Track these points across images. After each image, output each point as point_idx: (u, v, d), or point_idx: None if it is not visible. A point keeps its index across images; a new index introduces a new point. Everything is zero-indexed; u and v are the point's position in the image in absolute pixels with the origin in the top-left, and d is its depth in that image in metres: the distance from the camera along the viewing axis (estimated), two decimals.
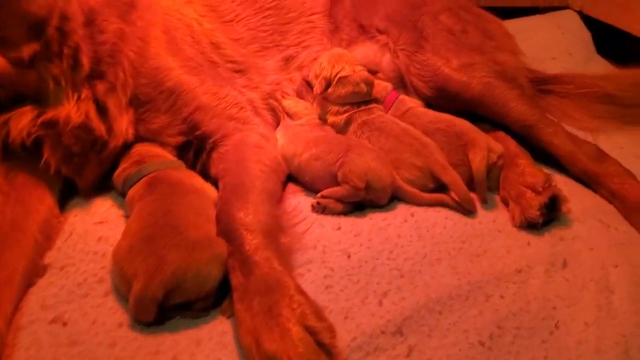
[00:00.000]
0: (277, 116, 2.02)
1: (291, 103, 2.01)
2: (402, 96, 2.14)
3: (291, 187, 1.86)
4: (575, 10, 3.04)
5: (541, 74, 2.41)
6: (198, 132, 1.76)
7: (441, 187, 1.84)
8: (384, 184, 1.75)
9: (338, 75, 1.98)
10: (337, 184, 1.76)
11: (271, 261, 1.39)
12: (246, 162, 1.69)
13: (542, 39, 2.92)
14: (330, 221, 1.71)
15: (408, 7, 2.28)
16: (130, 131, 1.68)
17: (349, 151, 1.78)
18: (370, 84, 2.01)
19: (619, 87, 2.31)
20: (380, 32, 2.26)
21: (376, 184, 1.74)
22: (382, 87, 2.09)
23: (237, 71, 1.97)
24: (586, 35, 2.94)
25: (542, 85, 2.38)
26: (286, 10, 2.19)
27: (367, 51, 2.23)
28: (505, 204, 1.85)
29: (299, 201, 1.79)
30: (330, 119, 1.99)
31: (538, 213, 1.72)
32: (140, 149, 1.69)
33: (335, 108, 1.99)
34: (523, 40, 2.79)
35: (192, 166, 1.78)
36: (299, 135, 1.88)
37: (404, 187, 1.80)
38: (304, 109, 2.01)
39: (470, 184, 1.85)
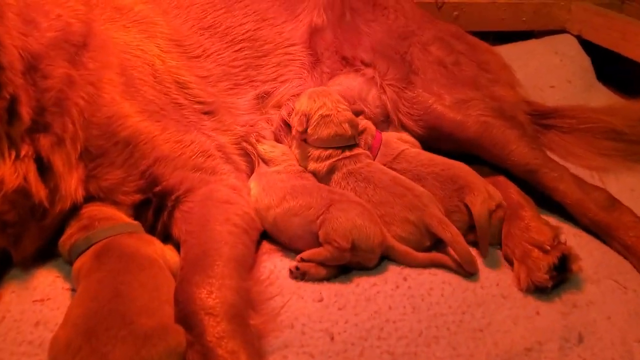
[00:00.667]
0: (251, 162, 1.81)
1: (267, 147, 1.80)
2: (386, 136, 1.93)
3: (266, 245, 1.63)
4: (573, 35, 2.86)
5: (541, 107, 2.22)
6: (158, 188, 1.54)
7: (437, 243, 1.63)
8: (372, 244, 1.54)
9: (319, 113, 1.78)
10: (319, 244, 1.54)
11: (238, 355, 1.16)
12: (212, 223, 1.47)
13: (539, 66, 2.74)
14: (310, 290, 1.48)
15: (395, 38, 2.08)
16: (80, 191, 1.46)
17: (332, 206, 1.56)
18: (354, 126, 1.80)
19: (625, 122, 2.12)
20: (366, 64, 2.05)
21: (363, 244, 1.53)
22: (368, 131, 1.88)
23: (206, 112, 1.75)
24: (585, 61, 2.76)
25: (542, 120, 2.19)
26: (261, 42, 1.97)
27: (351, 84, 2.02)
28: (509, 262, 1.64)
29: (274, 264, 1.57)
30: (311, 165, 1.77)
31: (547, 276, 1.52)
32: (90, 210, 1.46)
33: (316, 152, 1.78)
34: (518, 68, 2.61)
35: (151, 228, 1.56)
36: (274, 185, 1.66)
37: (396, 246, 1.58)
38: (282, 154, 1.79)
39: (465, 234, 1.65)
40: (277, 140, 1.89)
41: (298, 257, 1.54)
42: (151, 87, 1.66)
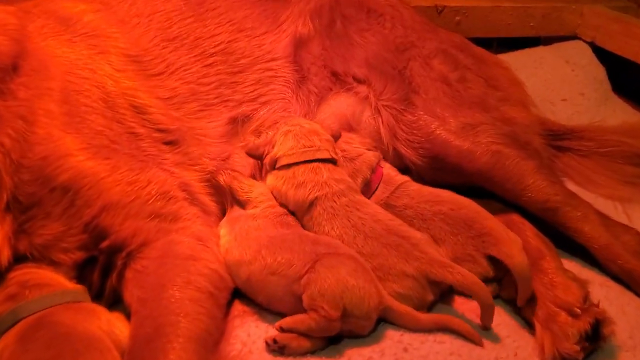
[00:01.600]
0: (223, 202, 1.53)
1: (243, 185, 1.52)
2: (387, 168, 1.66)
3: (238, 307, 1.36)
4: (585, 42, 2.60)
5: (554, 127, 1.96)
6: (105, 243, 1.26)
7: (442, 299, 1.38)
8: (368, 309, 1.27)
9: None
10: (303, 308, 1.27)
11: None
12: (169, 288, 1.20)
13: (549, 77, 2.48)
14: None
15: (392, 50, 1.81)
16: (6, 252, 1.18)
17: (318, 262, 1.29)
18: (326, 140, 1.56)
19: None
20: (359, 81, 1.77)
21: (357, 310, 1.26)
22: (364, 160, 1.61)
23: (168, 143, 1.48)
24: (600, 71, 2.49)
25: (556, 141, 1.94)
26: (237, 55, 1.69)
27: (341, 107, 1.75)
28: (528, 323, 1.38)
29: (248, 333, 1.29)
30: (290, 194, 1.50)
31: (577, 347, 1.26)
32: (19, 274, 1.19)
33: (288, 175, 1.51)
34: (526, 78, 2.36)
35: (98, 292, 1.28)
36: (248, 235, 1.39)
37: (394, 306, 1.32)
38: (260, 194, 1.51)
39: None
40: (255, 175, 1.62)
41: (277, 324, 1.27)
42: (100, 115, 1.38)
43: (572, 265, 1.56)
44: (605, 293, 1.48)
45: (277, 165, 1.53)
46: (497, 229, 1.44)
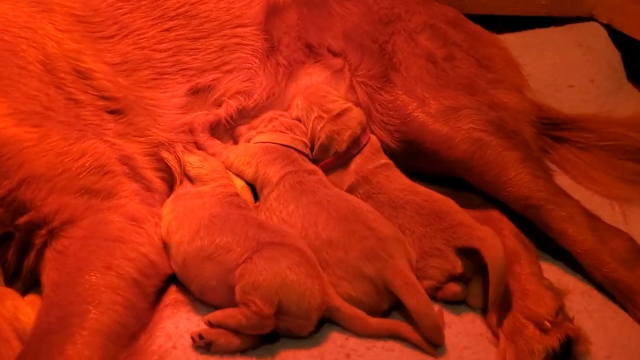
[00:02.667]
0: (172, 179, 1.41)
1: (194, 160, 1.39)
2: (374, 138, 1.53)
3: (172, 294, 1.25)
4: (601, 24, 2.39)
5: (554, 114, 1.79)
6: (23, 219, 1.15)
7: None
8: (307, 309, 1.14)
9: None
10: (236, 301, 1.15)
11: None
12: (86, 273, 1.08)
13: (557, 60, 2.27)
14: None
15: (374, 22, 1.65)
16: None
17: (257, 252, 1.16)
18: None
19: None
20: (334, 54, 1.63)
21: (294, 308, 1.13)
22: (354, 116, 1.48)
23: (112, 112, 1.35)
24: (615, 57, 2.28)
25: (554, 131, 1.77)
26: (200, 19, 1.55)
27: (313, 82, 1.61)
28: (493, 333, 1.24)
29: (176, 325, 1.18)
30: (262, 170, 1.40)
31: None
32: None
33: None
34: (532, 60, 2.22)
35: (15, 272, 1.17)
36: (190, 214, 1.26)
37: (342, 307, 1.18)
38: (212, 170, 1.38)
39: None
40: (214, 151, 1.49)
41: (205, 318, 1.15)
42: (36, 79, 1.27)
43: (554, 271, 1.41)
44: (586, 304, 1.33)
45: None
46: (470, 222, 1.30)
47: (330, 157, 1.47)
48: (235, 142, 1.54)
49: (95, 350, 0.98)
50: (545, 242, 1.43)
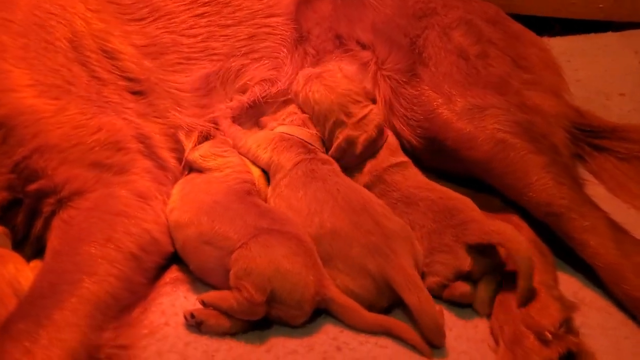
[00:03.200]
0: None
1: (208, 153, 1.39)
2: (392, 137, 1.50)
3: (173, 272, 1.26)
4: None
5: (596, 122, 1.71)
6: (33, 186, 1.19)
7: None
8: (300, 299, 1.13)
9: None
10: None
11: None
12: (86, 243, 1.11)
13: (610, 66, 2.18)
14: (202, 349, 1.10)
15: (408, 16, 1.61)
16: None
17: (254, 238, 1.16)
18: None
19: None
20: (364, 47, 1.60)
21: (286, 297, 1.12)
22: (372, 118, 1.45)
23: (135, 92, 1.38)
24: None
25: (595, 139, 1.69)
26: (233, 7, 1.56)
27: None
28: (495, 340, 1.19)
29: (173, 302, 1.20)
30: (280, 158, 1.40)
31: None
32: None
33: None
34: (582, 66, 2.15)
35: (23, 238, 1.21)
36: (195, 197, 1.28)
37: (338, 299, 1.17)
38: (225, 163, 1.37)
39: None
40: (234, 136, 1.49)
41: (199, 297, 1.16)
42: (62, 55, 1.31)
43: (573, 283, 1.34)
44: (603, 321, 1.26)
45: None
46: (484, 219, 1.26)
47: (345, 159, 1.45)
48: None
49: (82, 317, 1.01)
50: (569, 253, 1.36)
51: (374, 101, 1.51)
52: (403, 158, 1.46)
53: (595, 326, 1.23)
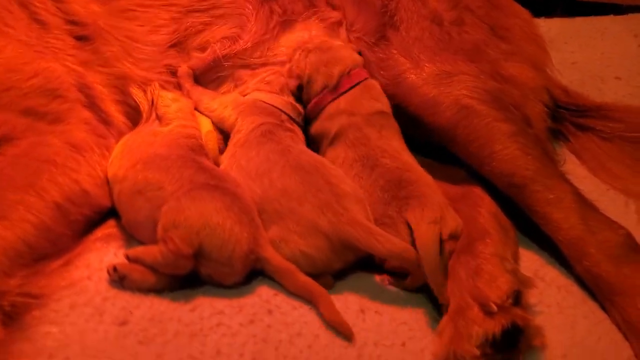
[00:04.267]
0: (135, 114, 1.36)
1: (166, 98, 1.33)
2: (376, 82, 1.40)
3: (107, 228, 1.19)
4: None
5: (582, 101, 1.62)
6: None
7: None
8: (229, 255, 1.06)
9: None
10: None
11: None
12: (3, 189, 1.05)
13: (608, 50, 2.08)
14: (121, 305, 1.03)
15: None
16: None
17: (188, 191, 1.09)
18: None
19: None
20: (333, 7, 1.53)
21: (215, 252, 1.05)
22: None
23: (79, 38, 1.31)
24: None
25: (579, 118, 1.60)
26: None
27: (309, 34, 1.51)
28: (442, 311, 1.11)
29: (101, 259, 1.12)
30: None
31: (477, 352, 0.99)
32: None
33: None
34: (579, 47, 2.08)
35: None
36: (137, 149, 1.21)
37: (272, 259, 1.09)
38: (178, 109, 1.32)
39: None
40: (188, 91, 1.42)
41: (124, 252, 1.09)
42: None
43: (535, 260, 1.26)
44: (561, 299, 1.18)
45: None
46: (430, 197, 1.17)
47: (320, 94, 1.37)
48: (236, 87, 1.47)
49: None
50: (536, 231, 1.28)
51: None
52: (386, 108, 1.36)
53: (553, 304, 1.15)
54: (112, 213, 1.21)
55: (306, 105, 1.39)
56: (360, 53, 1.43)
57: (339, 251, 1.11)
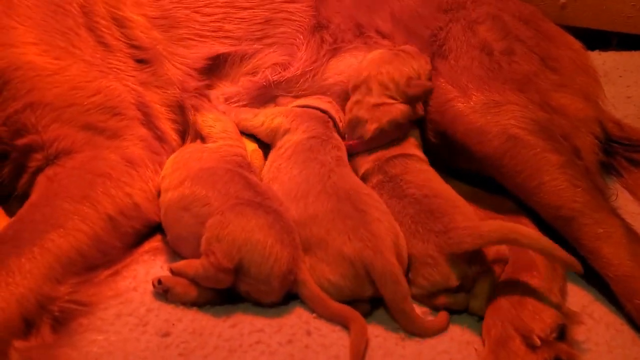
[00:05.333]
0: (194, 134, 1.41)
1: (208, 119, 1.37)
2: (413, 139, 1.41)
3: (153, 242, 1.23)
4: None
5: (636, 136, 1.59)
6: (22, 141, 1.19)
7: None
8: (270, 272, 1.07)
9: None
10: None
11: None
12: (61, 198, 1.10)
13: None
14: (164, 317, 1.06)
15: (433, 8, 1.55)
16: None
17: (233, 207, 1.11)
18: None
19: None
20: (383, 36, 1.55)
21: (255, 268, 1.07)
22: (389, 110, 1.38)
23: (139, 60, 1.38)
24: None
25: (633, 153, 1.56)
26: None
27: (354, 61, 1.54)
28: (482, 342, 1.09)
29: (147, 272, 1.16)
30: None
31: None
32: None
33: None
34: (635, 83, 2.05)
35: (9, 193, 1.22)
36: (185, 164, 1.24)
37: (308, 284, 1.10)
38: (223, 130, 1.36)
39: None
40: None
41: (169, 265, 1.12)
42: (71, 18, 1.33)
43: (584, 296, 1.22)
44: (610, 337, 1.13)
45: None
46: (472, 223, 1.15)
47: (354, 140, 1.39)
48: None
49: (38, 266, 0.99)
50: (585, 265, 1.24)
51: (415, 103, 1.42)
52: (413, 151, 1.37)
53: (602, 343, 1.11)
54: (160, 227, 1.25)
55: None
56: None
57: (364, 277, 1.09)
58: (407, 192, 1.24)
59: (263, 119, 1.41)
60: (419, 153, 1.39)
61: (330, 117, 1.40)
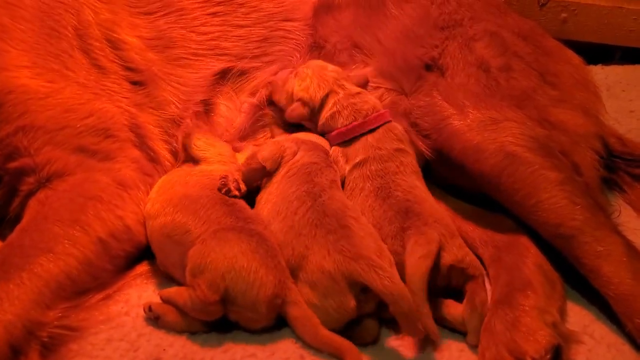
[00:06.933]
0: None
1: (200, 143, 1.36)
2: (397, 124, 1.41)
3: (146, 265, 1.22)
4: None
5: (639, 151, 1.55)
6: (14, 164, 1.19)
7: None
8: (255, 300, 1.05)
9: None
10: None
11: None
12: (52, 223, 1.09)
13: None
14: (155, 343, 1.04)
15: (429, 27, 1.53)
16: None
17: (212, 233, 1.10)
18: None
19: None
20: (378, 56, 1.54)
21: (240, 297, 1.05)
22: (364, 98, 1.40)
23: (134, 82, 1.37)
24: None
25: (636, 168, 1.54)
26: (248, 8, 1.54)
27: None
28: None
29: (139, 296, 1.15)
30: None
31: None
32: None
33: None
34: (638, 97, 1.96)
35: (2, 215, 1.21)
36: (170, 188, 1.23)
37: (297, 308, 1.07)
38: (218, 154, 1.34)
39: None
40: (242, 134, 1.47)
41: (159, 292, 1.11)
42: (65, 41, 1.32)
43: (584, 315, 1.20)
44: (611, 358, 1.12)
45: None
46: (430, 227, 1.15)
47: (338, 129, 1.37)
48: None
49: (26, 291, 0.98)
50: (586, 285, 1.22)
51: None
52: (408, 148, 1.36)
53: None
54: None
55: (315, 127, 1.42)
56: None
57: (343, 287, 1.06)
58: (392, 194, 1.25)
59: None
60: (411, 149, 1.38)
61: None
